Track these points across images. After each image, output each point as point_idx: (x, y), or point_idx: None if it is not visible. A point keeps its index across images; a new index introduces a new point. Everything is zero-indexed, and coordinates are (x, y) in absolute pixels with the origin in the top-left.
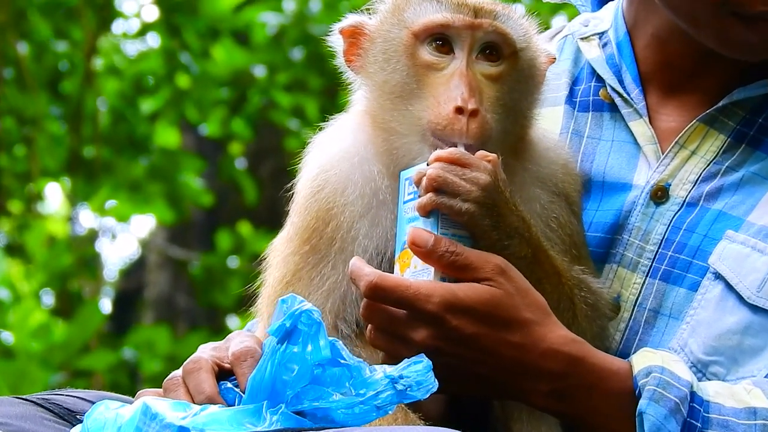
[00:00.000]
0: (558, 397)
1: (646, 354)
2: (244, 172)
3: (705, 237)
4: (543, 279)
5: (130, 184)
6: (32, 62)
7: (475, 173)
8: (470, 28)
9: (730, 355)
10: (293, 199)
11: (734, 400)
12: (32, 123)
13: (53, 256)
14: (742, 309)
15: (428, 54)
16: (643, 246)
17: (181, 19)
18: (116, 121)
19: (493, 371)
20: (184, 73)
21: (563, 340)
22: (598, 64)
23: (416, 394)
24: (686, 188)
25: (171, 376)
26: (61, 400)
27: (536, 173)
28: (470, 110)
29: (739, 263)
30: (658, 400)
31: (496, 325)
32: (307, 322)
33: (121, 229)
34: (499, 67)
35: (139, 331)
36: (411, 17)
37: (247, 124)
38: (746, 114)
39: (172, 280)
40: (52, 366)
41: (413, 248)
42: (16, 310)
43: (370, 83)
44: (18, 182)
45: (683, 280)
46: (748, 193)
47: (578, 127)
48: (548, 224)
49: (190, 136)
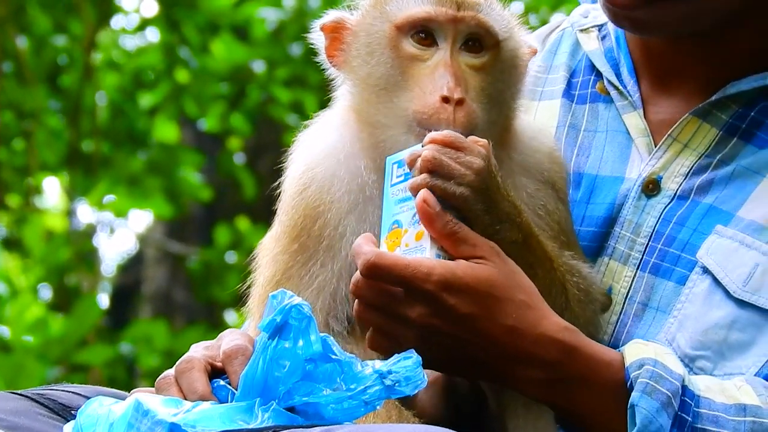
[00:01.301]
0: (550, 386)
1: (639, 346)
2: (243, 167)
3: (695, 231)
4: (534, 264)
5: (128, 179)
6: (31, 56)
7: (469, 157)
8: (453, 22)
9: (717, 350)
10: (280, 198)
11: (724, 396)
12: (31, 117)
13: (51, 251)
14: (729, 303)
15: (411, 46)
16: (634, 239)
17: (181, 13)
18: (115, 115)
19: (486, 354)
20: (184, 68)
21: (556, 327)
22: (595, 57)
23: (404, 389)
24: (677, 181)
25: (163, 375)
26: (56, 395)
27: (522, 162)
28: (456, 99)
29: (727, 258)
30: (651, 393)
31: (491, 306)
32: (298, 316)
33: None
34: (482, 58)
35: (136, 325)
36: (393, 10)
37: (246, 119)
38: (739, 108)
39: (170, 274)
40: (49, 360)
41: (422, 207)
42: (13, 305)
43: (353, 78)
44: (16, 176)
45: (672, 273)
46: (738, 187)
47: (575, 120)
48: (536, 212)
49: (189, 130)
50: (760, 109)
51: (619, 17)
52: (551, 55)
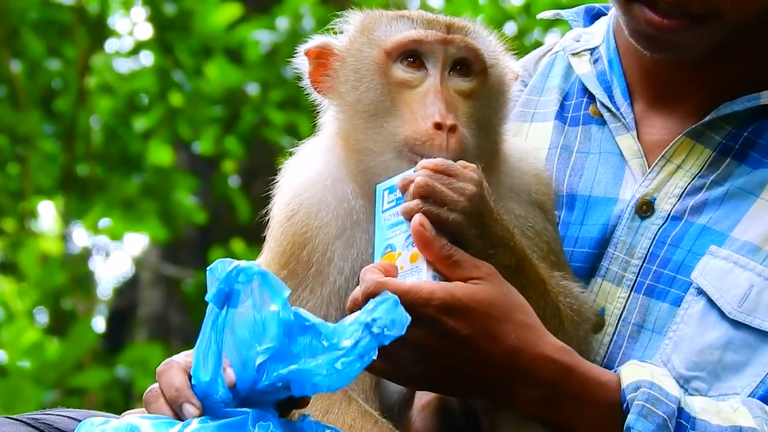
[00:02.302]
0: (546, 405)
1: (635, 367)
2: (238, 189)
3: (689, 252)
4: (527, 287)
5: (123, 202)
6: (25, 80)
7: (462, 183)
8: (443, 44)
9: (712, 371)
10: (269, 225)
11: (720, 418)
12: (25, 141)
13: (46, 274)
14: (724, 324)
15: (401, 71)
16: (628, 260)
17: (174, 37)
18: (109, 139)
19: (484, 373)
20: (177, 91)
21: (554, 347)
22: (588, 80)
23: (393, 333)
24: (671, 202)
25: (150, 388)
26: (52, 419)
27: (510, 185)
28: (449, 125)
29: (721, 279)
30: (647, 415)
31: (491, 326)
32: (245, 279)
33: (114, 247)
34: (471, 83)
35: (132, 348)
36: (382, 36)
37: (240, 141)
38: (733, 128)
39: (166, 297)
40: (45, 384)
41: (418, 230)
42: (9, 329)
43: (341, 103)
44: (11, 200)
45: (666, 295)
46: (732, 207)
47: (568, 142)
48: (525, 233)
49: (183, 153)
50: (753, 129)
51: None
52: (544, 77)
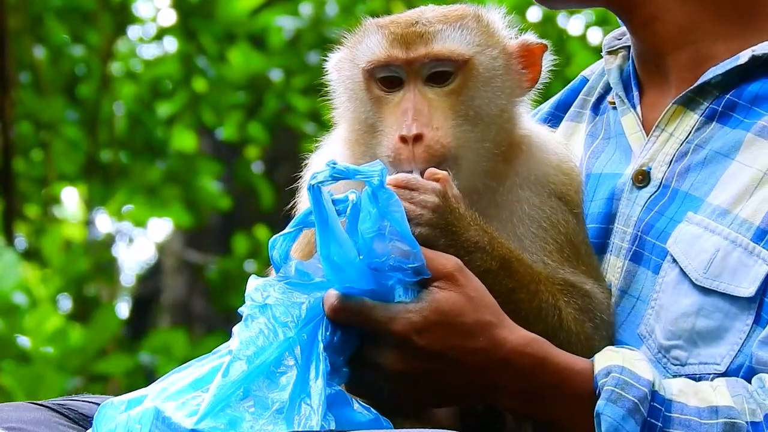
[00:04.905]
0: (524, 397)
1: (608, 353)
2: (261, 176)
3: (670, 219)
4: (516, 289)
5: (146, 188)
6: (49, 67)
7: (423, 196)
8: (407, 64)
9: (688, 338)
10: (296, 207)
11: (698, 399)
12: (49, 127)
13: (70, 261)
14: (694, 291)
15: (377, 89)
16: (625, 230)
17: (198, 23)
18: (133, 125)
19: (462, 380)
20: (201, 77)
21: (523, 340)
22: (611, 73)
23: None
24: (663, 170)
25: None
26: (77, 405)
27: (526, 175)
28: (412, 136)
29: (691, 245)
30: (616, 400)
31: (460, 334)
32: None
33: (137, 233)
34: (451, 84)
35: (155, 335)
36: (360, 55)
37: (263, 128)
38: (719, 92)
39: (189, 284)
40: (68, 371)
41: None
42: (32, 315)
43: (343, 118)
44: (35, 187)
45: (649, 262)
46: (710, 172)
47: (595, 130)
48: (540, 224)
49: (207, 140)
50: (736, 90)
51: None
52: (599, 77)
